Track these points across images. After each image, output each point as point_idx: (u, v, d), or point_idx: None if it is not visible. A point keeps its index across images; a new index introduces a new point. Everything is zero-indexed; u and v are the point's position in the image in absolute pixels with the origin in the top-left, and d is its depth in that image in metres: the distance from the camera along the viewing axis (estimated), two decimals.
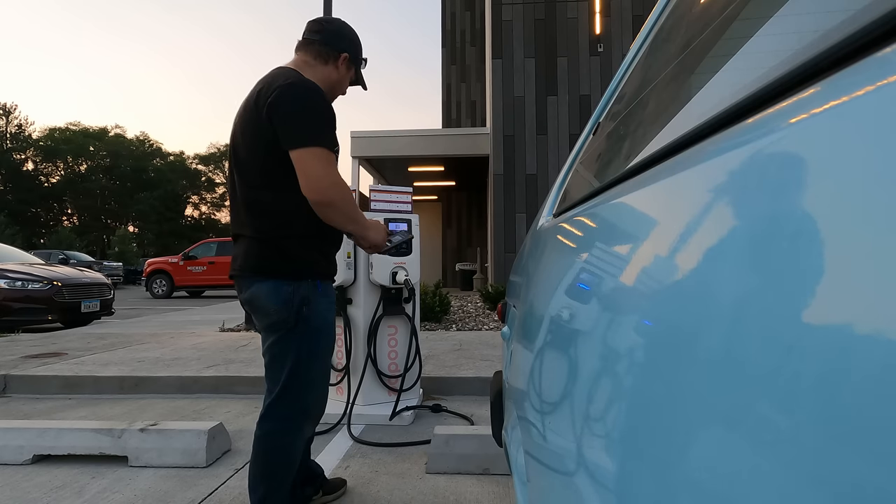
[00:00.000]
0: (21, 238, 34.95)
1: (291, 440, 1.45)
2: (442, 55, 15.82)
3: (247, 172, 1.41)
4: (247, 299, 1.44)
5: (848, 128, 0.22)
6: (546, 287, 0.79)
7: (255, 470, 1.44)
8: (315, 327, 1.42)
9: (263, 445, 1.43)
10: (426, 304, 5.92)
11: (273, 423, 1.43)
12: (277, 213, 1.38)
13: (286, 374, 1.40)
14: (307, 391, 1.44)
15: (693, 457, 0.28)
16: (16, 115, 50.13)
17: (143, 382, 3.37)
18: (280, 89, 1.34)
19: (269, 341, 1.42)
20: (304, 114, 1.34)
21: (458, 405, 3.00)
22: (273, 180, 1.37)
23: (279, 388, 1.41)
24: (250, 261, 1.41)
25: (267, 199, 1.39)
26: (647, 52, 0.75)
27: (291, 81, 1.36)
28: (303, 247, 1.41)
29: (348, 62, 1.54)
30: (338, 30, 1.55)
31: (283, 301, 1.37)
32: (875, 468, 0.17)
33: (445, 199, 13.93)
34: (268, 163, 1.37)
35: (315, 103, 1.36)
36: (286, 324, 1.38)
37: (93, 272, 7.78)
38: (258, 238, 1.40)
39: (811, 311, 0.21)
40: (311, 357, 1.42)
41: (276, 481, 1.43)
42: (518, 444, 0.87)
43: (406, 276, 2.69)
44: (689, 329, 0.31)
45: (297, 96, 1.34)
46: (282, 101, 1.33)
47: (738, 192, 0.29)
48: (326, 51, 1.51)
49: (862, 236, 0.19)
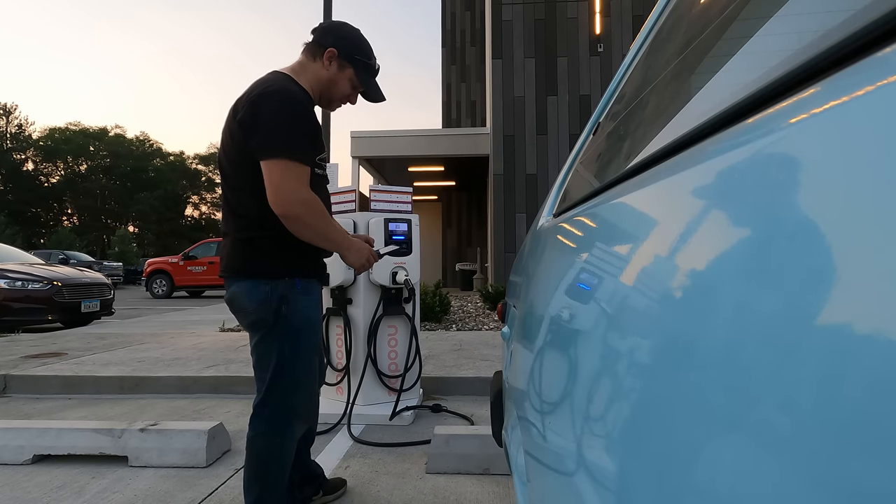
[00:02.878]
0: (21, 238, 34.96)
1: (281, 441, 1.45)
2: (442, 55, 15.83)
3: (229, 175, 1.42)
4: (228, 299, 1.44)
5: (848, 128, 0.22)
6: (546, 287, 0.79)
7: (248, 472, 1.44)
8: (295, 326, 1.41)
9: (255, 447, 1.44)
10: (426, 304, 5.92)
11: (262, 424, 1.44)
12: (254, 213, 1.38)
13: (270, 373, 1.40)
14: (293, 391, 1.44)
15: (693, 457, 0.28)
16: (16, 115, 50.19)
17: (143, 382, 3.37)
18: (256, 97, 1.34)
19: (253, 341, 1.43)
20: (275, 124, 1.33)
21: (458, 405, 3.00)
22: (249, 183, 1.37)
23: (266, 388, 1.41)
24: (231, 261, 1.42)
25: (245, 200, 1.39)
26: (647, 52, 0.75)
27: (269, 89, 1.36)
28: (279, 247, 1.40)
29: (338, 58, 1.51)
30: (328, 27, 1.54)
31: (260, 300, 1.37)
32: (873, 468, 0.17)
33: (445, 199, 13.93)
34: (244, 166, 1.37)
35: (288, 113, 1.34)
36: (265, 323, 1.39)
37: (93, 272, 7.78)
38: (239, 238, 1.41)
39: (811, 312, 0.21)
40: (294, 356, 1.42)
41: (269, 482, 1.43)
42: (518, 444, 0.87)
43: (406, 276, 2.69)
44: (688, 329, 0.31)
45: (271, 105, 1.33)
46: (257, 109, 1.33)
47: (738, 192, 0.29)
48: (313, 47, 1.51)
49: (862, 236, 0.19)
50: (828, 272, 0.21)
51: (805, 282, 0.22)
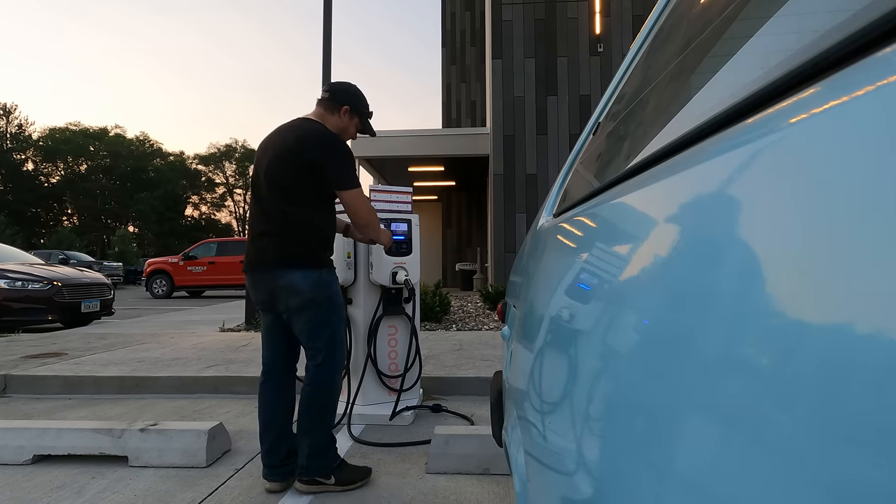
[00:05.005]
0: (21, 238, 34.92)
1: (335, 383, 1.93)
2: (442, 55, 15.82)
3: (289, 195, 1.83)
4: (285, 284, 1.82)
5: (848, 128, 0.22)
6: (546, 287, 0.79)
7: (308, 414, 1.87)
8: (337, 303, 1.91)
9: (318, 390, 1.88)
10: (426, 304, 5.92)
11: (324, 374, 1.88)
12: (311, 223, 1.86)
13: (326, 339, 1.87)
14: (340, 349, 1.93)
15: (693, 456, 0.28)
16: (16, 115, 50.13)
17: (143, 382, 3.37)
18: (324, 140, 1.85)
19: (303, 317, 1.85)
20: (346, 163, 1.88)
21: (458, 405, 3.00)
22: (312, 201, 1.86)
23: (327, 347, 1.87)
24: (284, 255, 1.82)
25: (302, 211, 1.84)
26: (647, 52, 0.75)
27: (331, 137, 1.87)
28: (321, 245, 1.89)
29: (349, 113, 2.01)
30: (340, 88, 2.03)
31: (313, 284, 1.83)
32: (871, 467, 0.17)
33: (445, 199, 13.92)
34: (305, 188, 1.84)
35: (349, 155, 1.90)
36: (315, 302, 1.84)
37: (93, 272, 7.77)
38: (293, 238, 1.83)
39: (811, 311, 0.21)
40: (339, 324, 1.92)
41: (327, 417, 1.91)
42: (518, 444, 0.87)
43: (406, 276, 2.69)
44: (688, 329, 0.31)
45: (339, 150, 1.87)
46: (331, 154, 1.84)
47: (738, 192, 0.29)
48: (332, 105, 1.99)
49: (862, 236, 0.19)
50: (828, 272, 0.21)
51: (805, 281, 0.22)
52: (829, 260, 0.21)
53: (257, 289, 1.89)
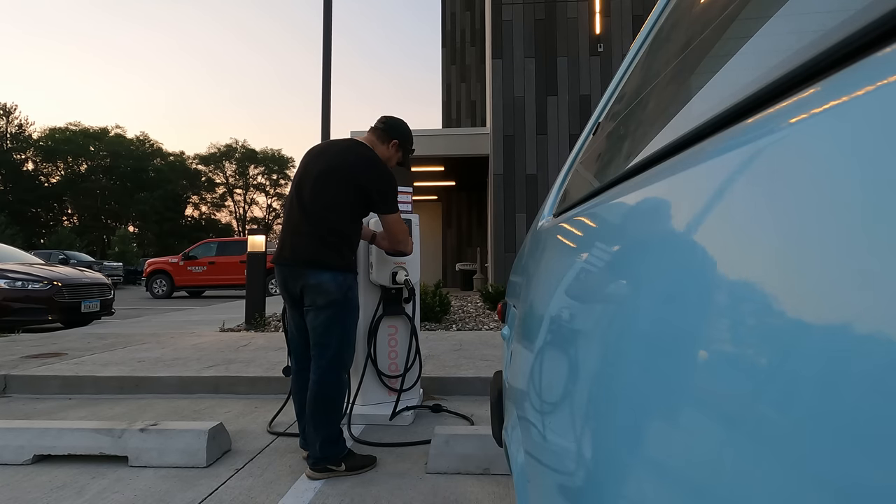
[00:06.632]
0: (21, 238, 34.88)
1: (341, 380, 2.08)
2: (442, 55, 15.82)
3: (332, 204, 2.03)
4: (314, 283, 2.00)
5: (848, 128, 0.22)
6: (546, 287, 0.79)
7: (317, 409, 2.01)
8: (354, 306, 2.10)
9: (325, 388, 2.02)
10: (426, 304, 5.91)
11: (332, 373, 2.03)
12: (345, 231, 2.06)
13: (337, 338, 2.03)
14: (348, 349, 2.10)
15: (693, 456, 0.28)
16: (16, 115, 50.07)
17: (143, 382, 3.37)
18: (377, 169, 2.10)
19: (324, 314, 2.01)
20: (391, 190, 2.11)
21: (458, 405, 3.00)
22: (349, 213, 2.07)
23: (336, 346, 2.03)
24: (318, 257, 2.01)
25: (340, 220, 2.05)
26: (647, 52, 0.75)
27: (381, 165, 2.13)
28: (350, 251, 2.09)
29: (397, 147, 2.27)
30: (394, 124, 2.29)
31: (339, 285, 2.01)
32: (871, 467, 0.17)
33: (445, 199, 13.92)
34: (346, 202, 2.05)
35: (394, 183, 2.13)
36: (337, 302, 2.01)
37: (93, 272, 7.77)
38: (329, 241, 2.02)
39: (810, 311, 0.21)
40: (351, 326, 2.09)
41: (336, 411, 2.06)
42: (518, 444, 0.87)
43: (406, 276, 2.69)
44: (688, 329, 0.31)
45: (388, 179, 2.11)
46: (381, 182, 2.08)
47: (738, 192, 0.29)
48: (384, 136, 2.25)
49: (862, 236, 0.19)
50: (827, 272, 0.21)
51: (805, 282, 0.22)
52: (829, 260, 0.21)
53: (287, 283, 2.07)
